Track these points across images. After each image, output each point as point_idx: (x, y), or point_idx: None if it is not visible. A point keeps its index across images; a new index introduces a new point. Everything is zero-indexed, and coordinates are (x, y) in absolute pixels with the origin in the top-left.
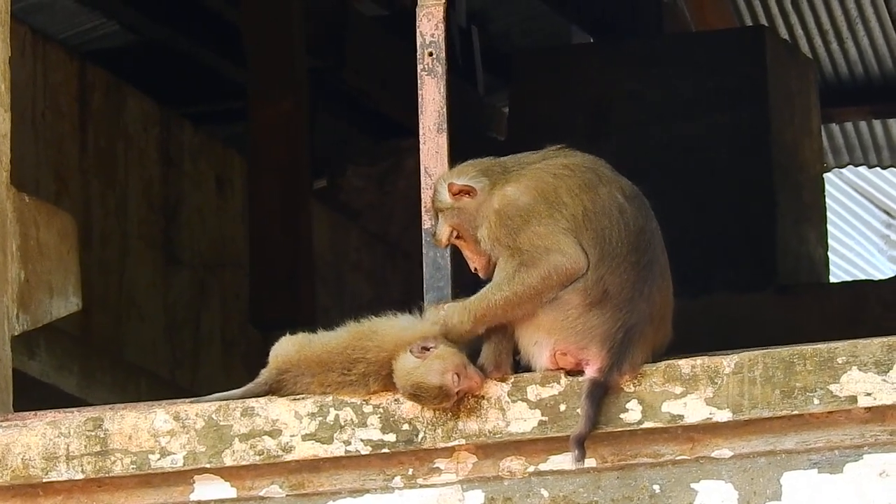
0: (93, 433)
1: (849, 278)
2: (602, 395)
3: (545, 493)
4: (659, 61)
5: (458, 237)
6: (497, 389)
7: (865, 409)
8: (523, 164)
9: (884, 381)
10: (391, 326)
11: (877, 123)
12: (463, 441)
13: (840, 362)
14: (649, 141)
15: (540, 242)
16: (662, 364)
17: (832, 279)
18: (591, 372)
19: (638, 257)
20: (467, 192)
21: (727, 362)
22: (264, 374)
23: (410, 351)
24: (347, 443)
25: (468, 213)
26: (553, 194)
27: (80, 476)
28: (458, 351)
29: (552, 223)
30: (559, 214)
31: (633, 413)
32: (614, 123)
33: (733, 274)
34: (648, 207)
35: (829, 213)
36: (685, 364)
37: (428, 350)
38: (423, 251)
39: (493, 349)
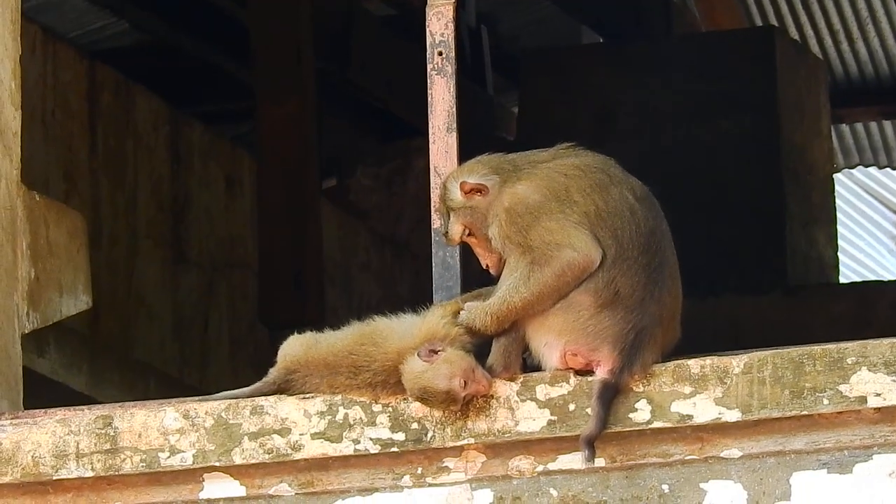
0: (103, 431)
1: (858, 279)
2: (613, 396)
3: (554, 493)
4: (667, 62)
5: (469, 235)
6: (506, 389)
7: (875, 409)
8: (534, 162)
9: (893, 381)
10: (394, 332)
11: (887, 124)
12: (472, 440)
13: (850, 363)
14: (658, 142)
15: (550, 238)
16: (672, 364)
17: (841, 280)
18: (602, 373)
19: (649, 259)
20: (479, 190)
21: (736, 362)
22: (273, 374)
23: (418, 354)
24: (357, 441)
25: (479, 212)
26: (564, 193)
27: (90, 474)
28: (466, 354)
29: (562, 217)
30: (570, 210)
31: (642, 413)
32: (622, 124)
33: (742, 276)
34: (659, 208)
35: (838, 214)
36: (694, 364)
37: (436, 353)
38: (433, 251)
39: (503, 350)
